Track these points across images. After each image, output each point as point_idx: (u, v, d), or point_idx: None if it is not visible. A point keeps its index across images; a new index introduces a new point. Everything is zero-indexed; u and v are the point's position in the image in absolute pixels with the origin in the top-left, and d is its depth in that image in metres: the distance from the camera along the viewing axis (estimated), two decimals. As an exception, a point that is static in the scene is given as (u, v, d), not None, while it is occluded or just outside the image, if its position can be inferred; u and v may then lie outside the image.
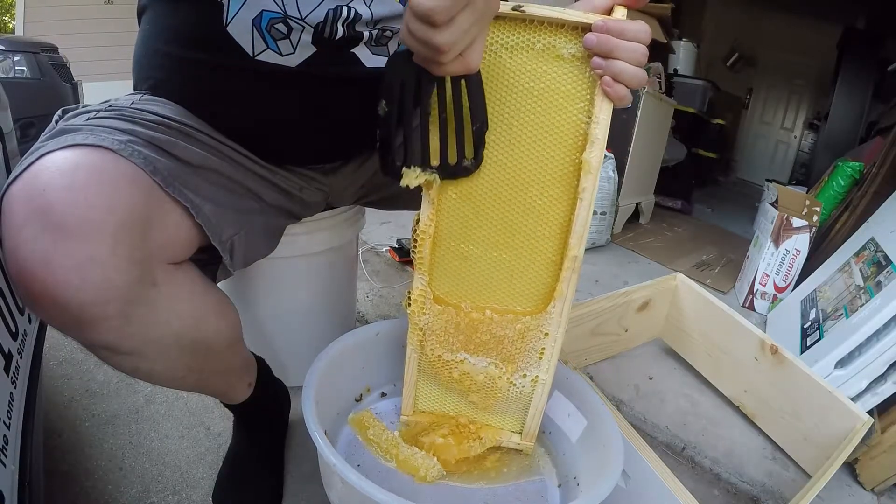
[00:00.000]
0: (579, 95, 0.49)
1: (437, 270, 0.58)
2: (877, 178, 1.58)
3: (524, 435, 0.64)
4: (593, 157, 0.49)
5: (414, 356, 0.62)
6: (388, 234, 1.60)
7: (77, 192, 0.38)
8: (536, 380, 0.59)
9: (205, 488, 0.71)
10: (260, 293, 0.81)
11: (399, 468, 0.61)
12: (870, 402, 0.90)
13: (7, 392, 0.46)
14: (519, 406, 0.63)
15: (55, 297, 0.38)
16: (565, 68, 0.48)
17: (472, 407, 0.64)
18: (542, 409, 0.62)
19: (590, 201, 0.50)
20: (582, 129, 0.49)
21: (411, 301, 0.58)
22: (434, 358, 0.61)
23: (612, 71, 0.46)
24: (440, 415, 0.66)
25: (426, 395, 0.66)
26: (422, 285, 0.57)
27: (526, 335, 0.57)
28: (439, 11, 0.37)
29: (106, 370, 0.90)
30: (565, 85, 0.49)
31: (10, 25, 6.61)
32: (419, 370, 0.64)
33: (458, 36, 0.40)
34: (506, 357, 0.59)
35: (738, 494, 0.83)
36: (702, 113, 3.25)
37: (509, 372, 0.59)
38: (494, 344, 0.59)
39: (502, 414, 0.64)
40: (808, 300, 1.28)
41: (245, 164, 0.58)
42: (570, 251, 0.52)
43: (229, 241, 0.53)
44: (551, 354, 0.58)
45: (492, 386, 0.61)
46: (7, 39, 2.58)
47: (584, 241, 0.52)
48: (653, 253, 1.94)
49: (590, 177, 0.49)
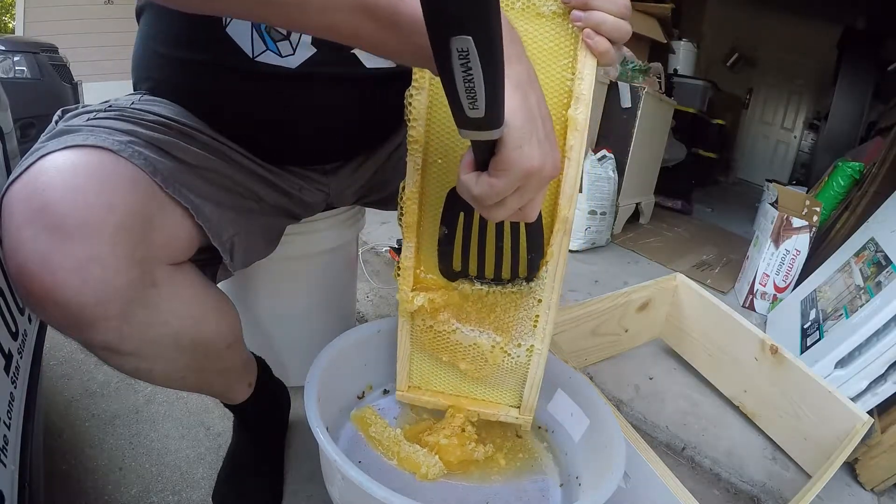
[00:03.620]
0: (562, 52, 0.48)
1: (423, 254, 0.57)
2: (877, 178, 1.58)
3: (522, 409, 0.63)
4: (579, 113, 0.48)
5: (406, 327, 0.61)
6: (388, 234, 1.60)
7: (77, 192, 0.38)
8: (532, 349, 0.58)
9: (205, 488, 0.71)
10: (260, 293, 0.81)
11: (400, 465, 0.61)
12: (870, 402, 0.90)
13: (7, 392, 0.46)
14: (515, 378, 0.62)
15: (55, 297, 0.38)
16: (546, 26, 0.48)
17: (467, 381, 0.63)
18: (539, 381, 0.61)
19: (578, 160, 0.49)
20: (567, 87, 0.49)
21: (400, 270, 0.57)
22: (425, 328, 0.60)
23: (591, 22, 0.45)
24: (434, 391, 0.65)
25: (421, 370, 0.65)
26: (410, 253, 0.56)
27: (518, 302, 0.56)
28: (485, 199, 0.38)
29: (106, 370, 0.90)
30: (548, 42, 0.48)
31: (10, 25, 6.61)
32: (412, 343, 0.62)
33: (510, 212, 0.39)
34: (499, 326, 0.58)
35: (738, 494, 0.83)
36: (702, 113, 3.25)
37: (504, 342, 0.58)
38: (487, 312, 0.57)
39: (499, 388, 0.63)
40: (808, 300, 1.28)
41: (245, 164, 0.58)
42: (560, 212, 0.51)
43: (229, 242, 0.53)
44: (546, 322, 0.57)
45: (486, 357, 0.60)
46: (7, 39, 2.58)
47: (574, 202, 0.51)
48: (653, 253, 1.94)
49: (576, 134, 0.49)
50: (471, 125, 0.33)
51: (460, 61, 0.28)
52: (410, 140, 0.51)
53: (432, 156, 0.52)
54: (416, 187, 0.53)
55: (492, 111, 0.31)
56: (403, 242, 0.56)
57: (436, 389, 0.66)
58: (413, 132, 0.51)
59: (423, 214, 0.55)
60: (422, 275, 0.58)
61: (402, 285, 0.57)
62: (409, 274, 0.57)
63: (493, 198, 0.37)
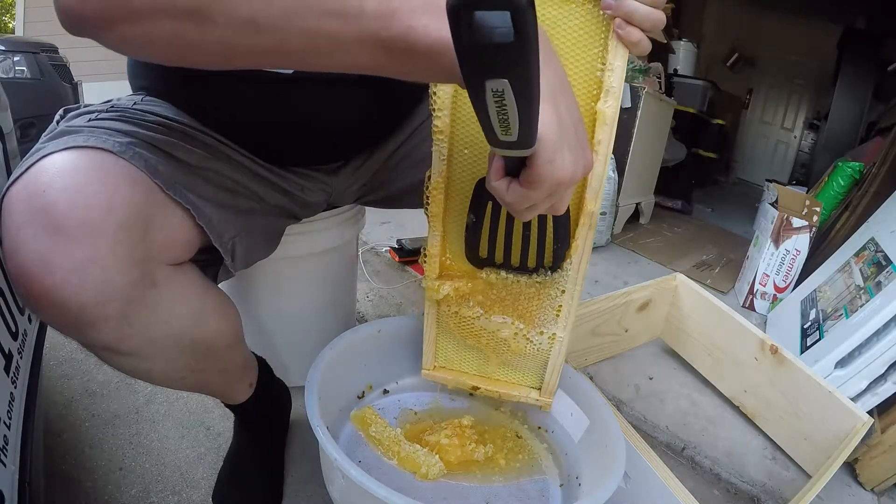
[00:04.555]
0: (592, 41, 0.46)
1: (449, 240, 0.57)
2: (877, 178, 1.58)
3: (543, 391, 0.64)
4: (608, 107, 0.47)
5: (432, 311, 0.62)
6: (388, 234, 1.60)
7: (77, 193, 0.38)
8: (554, 337, 0.59)
9: (205, 488, 0.71)
10: (261, 293, 0.81)
11: (400, 465, 0.61)
12: (870, 402, 0.90)
13: (7, 392, 0.46)
14: (537, 363, 0.62)
15: (55, 297, 0.38)
16: (576, 12, 0.45)
17: (490, 363, 0.64)
18: (561, 366, 0.61)
19: (606, 154, 0.48)
20: (596, 78, 0.47)
21: (427, 257, 0.57)
22: (451, 314, 0.61)
23: (622, 11, 0.43)
24: (459, 371, 0.66)
25: (445, 351, 0.65)
26: (436, 241, 0.56)
27: (542, 292, 0.57)
28: (517, 206, 0.38)
29: (106, 370, 0.90)
30: (576, 31, 0.46)
31: (10, 25, 6.61)
32: (437, 326, 0.63)
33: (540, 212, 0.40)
34: (522, 314, 0.58)
35: (738, 494, 0.83)
36: (702, 113, 3.25)
37: (526, 329, 0.59)
38: (511, 301, 0.58)
39: (521, 370, 0.64)
40: (808, 300, 1.28)
41: (246, 164, 0.58)
42: (586, 206, 0.51)
43: (230, 242, 0.53)
44: (568, 312, 0.57)
45: (509, 343, 0.60)
46: (7, 39, 2.58)
47: (601, 197, 0.51)
48: (653, 253, 1.94)
49: (605, 128, 0.47)
50: (502, 146, 0.32)
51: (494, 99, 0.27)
52: (435, 130, 0.50)
53: (458, 146, 0.52)
54: (441, 177, 0.53)
55: (525, 136, 0.31)
56: (429, 231, 0.56)
57: (460, 370, 0.66)
58: (438, 122, 0.50)
59: (448, 204, 0.55)
60: (448, 262, 0.58)
61: (429, 273, 0.58)
62: (435, 262, 0.57)
63: (524, 204, 0.38)
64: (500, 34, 0.24)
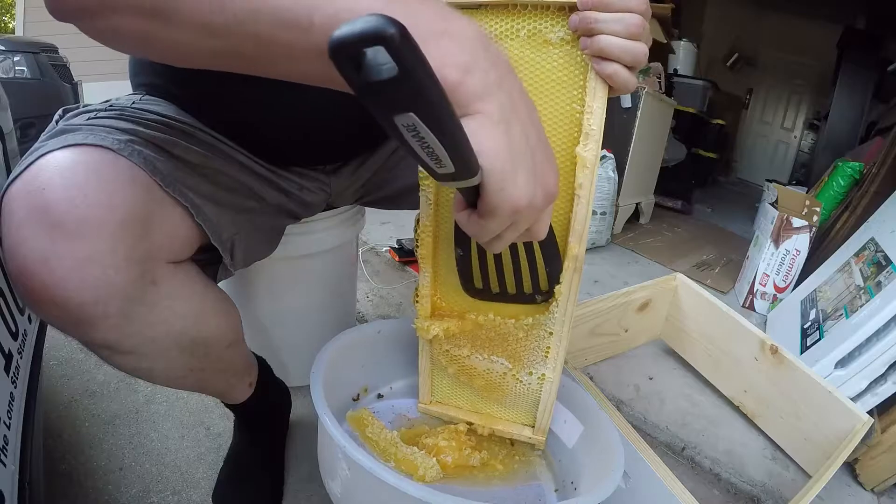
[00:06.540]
0: (571, 83, 0.45)
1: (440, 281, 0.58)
2: (877, 178, 1.58)
3: (536, 429, 0.64)
4: (588, 151, 0.46)
5: (427, 347, 0.63)
6: (388, 234, 1.60)
7: (76, 190, 0.38)
8: (543, 378, 0.59)
9: (205, 488, 0.71)
10: (260, 293, 0.81)
11: (397, 467, 0.61)
12: (870, 402, 0.90)
13: (7, 392, 0.46)
14: (528, 401, 0.63)
15: (54, 295, 0.38)
16: (554, 54, 0.45)
17: (484, 400, 0.64)
18: (552, 405, 0.61)
19: (587, 199, 0.48)
20: (576, 120, 0.46)
21: (419, 297, 0.58)
22: (442, 351, 0.61)
23: (595, 48, 0.42)
24: (455, 407, 0.67)
25: (441, 386, 0.66)
26: (427, 282, 0.57)
27: (531, 333, 0.57)
28: (479, 237, 0.38)
29: (106, 370, 0.90)
30: (555, 72, 0.45)
31: (10, 25, 6.61)
32: (432, 361, 0.64)
33: (509, 242, 0.39)
34: (511, 354, 0.59)
35: (738, 494, 0.83)
36: (702, 113, 3.25)
37: (515, 370, 0.59)
38: (500, 341, 0.58)
39: (514, 408, 0.64)
40: (808, 300, 1.28)
41: (246, 163, 0.58)
42: (570, 251, 0.51)
43: (230, 241, 0.53)
44: (557, 353, 0.57)
45: (498, 382, 0.61)
46: (7, 39, 2.58)
47: (585, 241, 0.50)
48: (653, 253, 1.94)
49: (586, 172, 0.46)
50: (445, 178, 0.31)
51: (411, 134, 0.27)
52: (421, 175, 0.51)
53: (445, 189, 0.53)
54: (429, 220, 0.54)
55: (460, 165, 0.30)
56: (420, 272, 0.57)
57: (455, 405, 0.67)
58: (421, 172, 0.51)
59: (438, 245, 0.56)
60: (439, 301, 0.59)
61: (420, 313, 0.59)
62: (426, 302, 0.58)
63: (487, 236, 0.37)
64: (387, 70, 0.23)
